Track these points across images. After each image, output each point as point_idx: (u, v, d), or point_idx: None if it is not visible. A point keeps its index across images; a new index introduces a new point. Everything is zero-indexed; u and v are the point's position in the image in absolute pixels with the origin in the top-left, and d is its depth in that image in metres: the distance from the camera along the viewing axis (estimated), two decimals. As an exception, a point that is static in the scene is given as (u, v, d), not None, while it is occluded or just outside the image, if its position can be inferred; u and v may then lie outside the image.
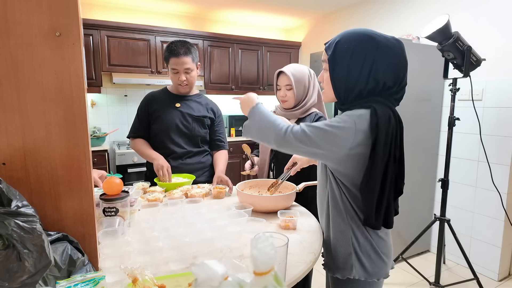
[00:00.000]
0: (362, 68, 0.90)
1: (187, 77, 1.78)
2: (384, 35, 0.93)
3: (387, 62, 0.90)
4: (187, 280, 0.80)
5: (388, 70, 0.91)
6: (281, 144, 0.93)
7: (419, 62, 2.52)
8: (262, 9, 3.85)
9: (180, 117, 1.83)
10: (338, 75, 0.94)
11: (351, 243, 1.00)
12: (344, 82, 0.93)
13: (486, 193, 2.45)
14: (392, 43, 0.92)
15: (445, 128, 2.71)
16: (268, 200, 1.35)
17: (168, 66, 1.80)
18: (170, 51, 1.74)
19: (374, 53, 0.90)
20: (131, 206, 1.20)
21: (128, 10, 3.73)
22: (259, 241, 0.45)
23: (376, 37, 0.91)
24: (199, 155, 1.90)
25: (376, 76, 0.90)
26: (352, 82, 0.92)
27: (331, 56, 0.95)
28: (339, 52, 0.93)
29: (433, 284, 2.18)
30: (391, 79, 0.92)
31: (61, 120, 0.78)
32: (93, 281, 0.70)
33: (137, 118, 1.88)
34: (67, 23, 0.76)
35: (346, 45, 0.92)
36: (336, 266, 1.04)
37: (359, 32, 0.93)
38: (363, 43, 0.91)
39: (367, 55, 0.90)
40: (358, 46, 0.91)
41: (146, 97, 1.88)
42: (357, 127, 0.88)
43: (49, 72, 0.76)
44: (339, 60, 0.93)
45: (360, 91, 0.93)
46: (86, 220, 0.83)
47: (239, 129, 4.21)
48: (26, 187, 0.78)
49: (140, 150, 1.82)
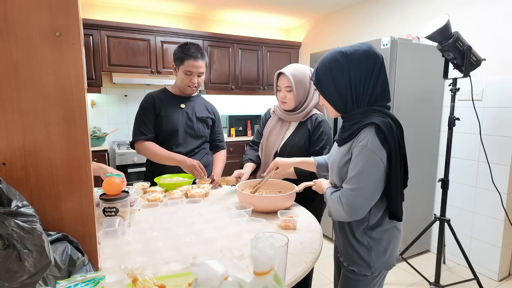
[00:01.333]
0: (343, 77, 1.05)
1: (198, 80, 1.80)
2: (351, 45, 1.08)
3: (359, 64, 1.04)
4: (187, 280, 0.80)
5: (363, 69, 1.04)
6: (353, 216, 1.05)
7: (419, 62, 2.52)
8: (262, 9, 3.85)
9: (185, 117, 1.83)
10: (328, 91, 1.09)
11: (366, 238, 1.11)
12: (336, 94, 1.07)
13: (486, 193, 2.45)
14: (356, 48, 1.06)
15: (445, 128, 2.71)
16: (268, 200, 1.35)
17: (179, 66, 1.77)
18: (188, 54, 1.73)
19: (347, 62, 1.04)
20: (131, 206, 1.20)
21: (128, 10, 3.73)
22: (259, 241, 0.45)
23: (343, 50, 1.06)
24: (201, 155, 1.90)
25: (356, 79, 1.04)
26: (343, 91, 1.06)
27: (315, 80, 1.11)
28: (320, 75, 1.09)
29: (433, 284, 2.18)
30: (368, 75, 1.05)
31: (61, 120, 0.78)
32: (93, 281, 0.70)
33: (143, 119, 1.79)
34: (67, 23, 0.76)
35: (323, 67, 1.08)
36: (353, 260, 1.13)
37: (330, 53, 1.09)
38: (335, 58, 1.06)
39: (342, 66, 1.05)
40: (332, 62, 1.06)
41: (150, 98, 1.82)
42: (376, 151, 1.00)
43: (49, 72, 0.76)
44: (323, 80, 1.09)
45: (353, 97, 1.06)
46: (86, 220, 0.83)
47: (239, 129, 4.22)
48: (26, 187, 0.78)
49: (159, 154, 1.75)
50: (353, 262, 1.14)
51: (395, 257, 1.16)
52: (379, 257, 1.11)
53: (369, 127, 1.02)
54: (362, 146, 1.01)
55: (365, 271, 1.12)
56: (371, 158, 1.00)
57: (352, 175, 1.03)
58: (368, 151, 1.00)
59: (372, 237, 1.11)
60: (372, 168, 1.00)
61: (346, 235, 1.16)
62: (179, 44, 1.79)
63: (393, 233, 1.13)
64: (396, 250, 1.16)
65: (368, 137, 1.01)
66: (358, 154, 1.02)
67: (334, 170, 1.15)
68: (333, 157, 1.17)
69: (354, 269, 1.13)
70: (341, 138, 1.13)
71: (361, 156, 1.02)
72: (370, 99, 1.06)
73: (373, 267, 1.11)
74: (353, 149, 1.04)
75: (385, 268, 1.14)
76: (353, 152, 1.04)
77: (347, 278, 1.17)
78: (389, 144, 1.00)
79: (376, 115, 1.04)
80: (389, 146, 1.00)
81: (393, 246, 1.14)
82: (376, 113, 1.05)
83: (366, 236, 1.11)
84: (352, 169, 1.04)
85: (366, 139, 1.01)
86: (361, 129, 1.04)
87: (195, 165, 1.67)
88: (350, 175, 1.04)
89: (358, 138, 1.04)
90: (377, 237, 1.11)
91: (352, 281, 1.15)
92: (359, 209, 1.03)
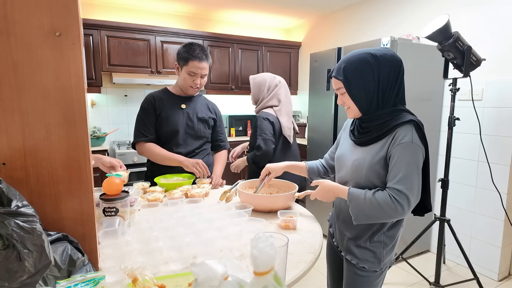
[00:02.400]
0: (374, 78, 1.07)
1: (201, 81, 1.79)
2: (377, 48, 1.11)
3: (389, 68, 1.07)
4: (187, 280, 0.80)
5: (392, 72, 1.08)
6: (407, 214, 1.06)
7: (419, 62, 2.52)
8: (262, 9, 3.85)
9: (186, 118, 1.83)
10: (356, 92, 1.10)
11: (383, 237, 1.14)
12: (364, 96, 1.09)
13: (486, 193, 2.44)
14: (385, 52, 1.09)
15: (445, 128, 2.71)
16: (268, 200, 1.35)
17: (183, 66, 1.76)
18: (193, 55, 1.72)
19: (378, 64, 1.06)
20: (131, 206, 1.20)
21: (128, 10, 3.73)
22: (259, 241, 0.45)
23: (372, 52, 1.08)
24: (201, 156, 1.90)
25: (384, 81, 1.07)
26: (371, 93, 1.08)
27: (344, 80, 1.10)
28: (349, 74, 1.09)
29: (433, 284, 2.18)
30: (395, 78, 1.08)
31: (61, 120, 0.78)
32: (93, 281, 0.70)
33: (144, 120, 1.79)
34: (67, 23, 0.76)
35: (352, 67, 1.08)
36: (364, 258, 1.15)
37: (358, 53, 1.10)
38: (365, 60, 1.07)
39: (373, 68, 1.06)
40: (362, 63, 1.07)
41: (150, 99, 1.81)
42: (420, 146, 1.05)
43: (49, 72, 0.76)
44: (352, 80, 1.09)
45: (378, 99, 1.09)
46: (86, 220, 0.83)
47: (239, 129, 4.22)
48: (26, 187, 0.78)
49: (160, 155, 1.75)
50: (365, 259, 1.15)
51: (394, 252, 1.21)
52: (388, 253, 1.16)
53: (406, 125, 1.06)
54: (407, 143, 1.03)
55: (375, 267, 1.15)
56: (419, 153, 1.04)
57: (403, 174, 1.03)
58: (415, 146, 1.04)
59: (389, 235, 1.14)
60: (419, 162, 1.04)
61: (362, 233, 1.15)
62: (184, 44, 1.78)
63: (401, 229, 1.18)
64: (396, 245, 1.20)
65: (409, 134, 1.04)
66: (404, 151, 1.03)
67: (361, 172, 1.11)
68: (357, 158, 1.14)
69: (365, 266, 1.15)
70: (367, 138, 1.12)
71: (408, 152, 1.03)
72: (394, 101, 1.10)
73: (382, 263, 1.15)
74: (393, 148, 1.05)
75: (390, 263, 1.19)
76: (394, 151, 1.04)
77: (355, 275, 1.17)
78: (426, 139, 1.07)
79: (406, 114, 1.09)
80: (426, 141, 1.07)
81: (396, 242, 1.18)
82: (403, 112, 1.10)
83: (384, 235, 1.14)
84: (399, 167, 1.03)
85: (408, 135, 1.04)
86: (397, 127, 1.06)
87: (198, 162, 1.68)
88: (401, 174, 1.03)
89: (397, 137, 1.05)
90: (392, 235, 1.15)
91: (361, 277, 1.16)
92: (413, 205, 1.05)
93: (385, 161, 1.07)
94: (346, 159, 1.19)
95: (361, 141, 1.14)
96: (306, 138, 3.57)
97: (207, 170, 1.70)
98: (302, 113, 4.50)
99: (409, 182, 1.02)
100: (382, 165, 1.07)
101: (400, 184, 1.02)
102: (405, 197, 1.02)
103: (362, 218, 1.07)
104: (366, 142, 1.12)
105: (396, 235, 1.16)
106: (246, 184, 1.54)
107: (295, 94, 4.63)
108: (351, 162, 1.15)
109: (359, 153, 1.14)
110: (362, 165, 1.11)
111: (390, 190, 1.04)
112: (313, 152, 3.24)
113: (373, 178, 1.09)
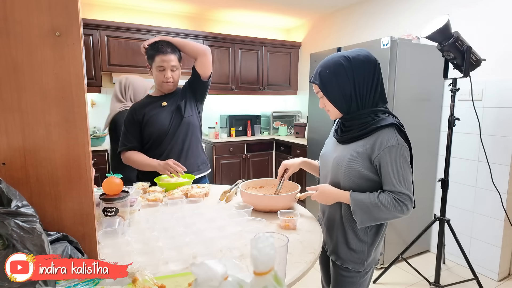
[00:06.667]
0: (349, 80, 1.09)
1: (173, 74, 1.78)
2: (350, 50, 1.14)
3: (363, 69, 1.10)
4: (187, 280, 0.80)
5: (366, 72, 1.10)
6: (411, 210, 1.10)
7: (419, 62, 2.52)
8: (262, 9, 3.85)
9: (169, 112, 1.80)
10: (333, 94, 1.13)
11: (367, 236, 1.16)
12: (341, 97, 1.12)
13: (486, 193, 2.45)
14: (357, 53, 1.11)
15: (445, 128, 2.70)
16: (269, 200, 1.35)
17: (152, 65, 1.77)
18: (157, 49, 1.74)
19: (351, 66, 1.09)
20: (131, 206, 1.20)
21: (128, 10, 3.73)
22: (259, 241, 0.45)
23: (345, 54, 1.11)
24: (198, 148, 1.90)
25: (360, 82, 1.10)
26: (348, 94, 1.11)
27: (320, 84, 1.14)
28: (325, 78, 1.13)
29: (433, 284, 2.18)
30: (370, 78, 1.10)
31: (61, 120, 0.78)
32: (93, 281, 0.70)
33: (125, 131, 1.82)
34: (67, 23, 0.76)
35: (327, 70, 1.12)
36: (348, 258, 1.17)
37: (331, 57, 1.14)
38: (338, 63, 1.10)
39: (347, 70, 1.09)
40: (336, 66, 1.11)
41: (130, 109, 1.84)
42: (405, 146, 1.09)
43: (49, 72, 0.76)
44: (328, 84, 1.12)
45: (357, 100, 1.11)
46: (86, 220, 0.83)
47: (239, 129, 4.21)
48: (26, 187, 0.77)
49: (138, 161, 1.75)
50: (348, 260, 1.17)
51: (379, 252, 1.24)
52: (372, 253, 1.17)
53: (388, 128, 1.08)
54: (393, 146, 1.06)
55: (359, 267, 1.16)
56: (405, 153, 1.08)
57: (401, 176, 1.07)
58: (401, 147, 1.07)
59: (372, 235, 1.15)
60: (408, 161, 1.09)
61: (345, 234, 1.17)
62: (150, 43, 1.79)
63: (384, 229, 1.20)
64: (380, 245, 1.23)
65: (394, 137, 1.07)
66: (394, 153, 1.06)
67: (340, 168, 1.14)
68: (338, 155, 1.17)
69: (348, 267, 1.17)
70: (349, 136, 1.14)
71: (398, 154, 1.07)
72: (373, 100, 1.12)
73: (366, 263, 1.16)
74: (380, 151, 1.07)
75: (374, 263, 1.20)
76: (383, 154, 1.07)
77: (340, 276, 1.20)
78: (409, 140, 1.11)
79: (386, 116, 1.11)
80: (409, 141, 1.11)
81: (380, 241, 1.20)
82: (384, 113, 1.12)
83: (367, 235, 1.15)
84: (394, 170, 1.07)
85: (393, 138, 1.07)
86: (378, 130, 1.08)
87: (169, 163, 1.64)
88: (398, 176, 1.06)
89: (382, 140, 1.07)
90: (375, 235, 1.16)
91: (346, 278, 1.18)
92: (413, 202, 1.09)
93: (368, 162, 1.10)
94: (329, 157, 1.22)
95: (342, 139, 1.17)
96: (306, 138, 3.57)
97: (180, 166, 1.65)
98: (302, 113, 4.50)
99: (407, 182, 1.08)
100: (361, 163, 1.10)
101: (400, 186, 1.06)
102: (408, 197, 1.07)
103: (367, 221, 1.09)
104: (348, 140, 1.15)
105: (379, 235, 1.18)
106: (249, 184, 1.54)
107: (295, 94, 4.63)
108: (332, 159, 1.19)
109: (340, 150, 1.17)
110: (342, 162, 1.14)
111: (393, 193, 1.07)
112: (313, 152, 3.24)
113: (352, 175, 1.11)
